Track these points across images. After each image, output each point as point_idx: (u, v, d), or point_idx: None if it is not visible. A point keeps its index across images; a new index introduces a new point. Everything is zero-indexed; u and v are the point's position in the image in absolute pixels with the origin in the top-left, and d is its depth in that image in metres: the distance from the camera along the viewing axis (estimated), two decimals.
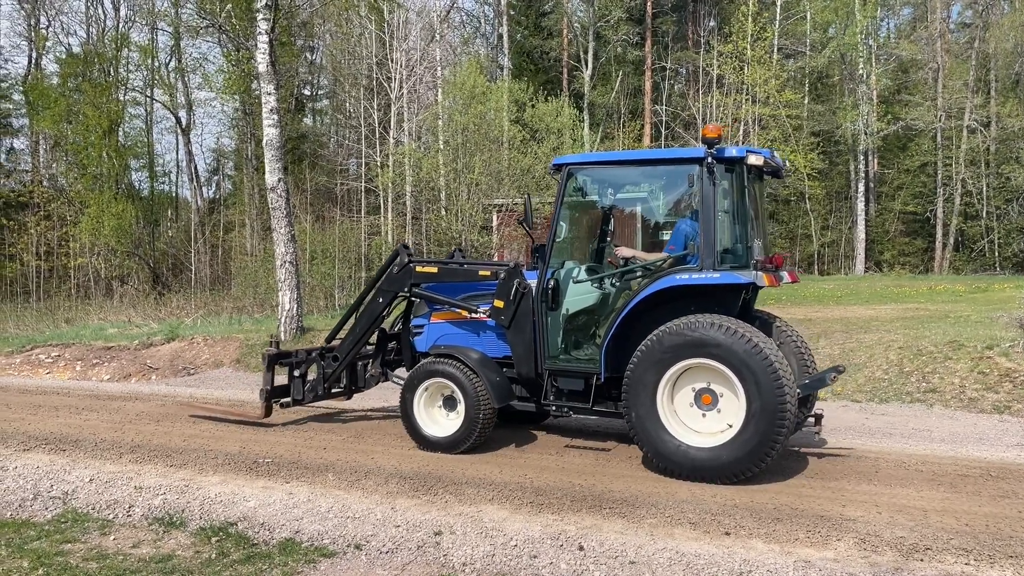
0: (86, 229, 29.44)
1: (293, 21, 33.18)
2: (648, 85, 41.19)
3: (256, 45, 15.38)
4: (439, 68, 34.54)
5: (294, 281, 15.20)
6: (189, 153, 41.29)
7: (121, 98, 35.57)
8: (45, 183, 37.98)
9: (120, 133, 34.27)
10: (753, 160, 6.44)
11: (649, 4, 40.97)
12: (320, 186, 35.99)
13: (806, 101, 36.49)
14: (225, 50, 36.98)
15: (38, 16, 42.63)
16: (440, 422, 7.21)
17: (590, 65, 39.14)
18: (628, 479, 6.19)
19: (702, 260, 6.31)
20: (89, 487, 6.29)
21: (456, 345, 7.48)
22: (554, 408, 7.04)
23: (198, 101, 41.34)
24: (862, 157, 35.42)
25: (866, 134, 34.18)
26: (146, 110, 39.30)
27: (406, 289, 7.96)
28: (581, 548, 4.90)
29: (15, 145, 45.50)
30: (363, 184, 35.41)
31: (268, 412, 8.34)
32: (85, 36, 41.07)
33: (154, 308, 22.86)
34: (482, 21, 46.06)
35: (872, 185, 37.00)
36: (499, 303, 7.11)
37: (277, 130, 15.24)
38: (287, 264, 15.10)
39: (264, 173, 16.48)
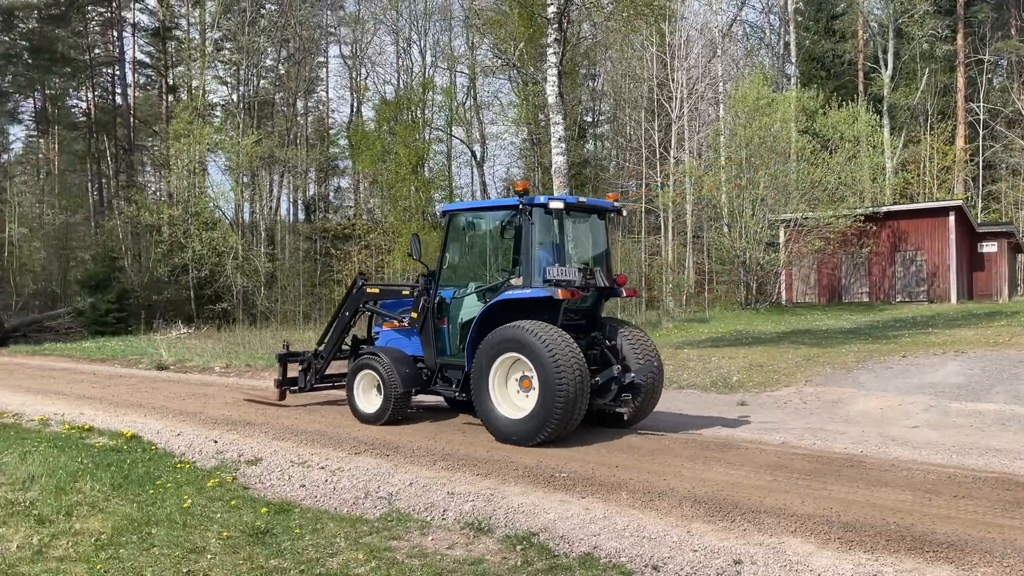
0: (398, 257, 32.78)
1: (577, 51, 34.47)
2: (961, 81, 36.96)
3: (545, 78, 16.20)
4: (721, 83, 33.83)
5: None
6: (483, 183, 44.63)
7: (426, 137, 39.35)
8: (364, 216, 43.08)
9: (425, 168, 37.87)
10: (554, 205, 8.59)
11: None
12: None
13: None
14: (515, 85, 39.42)
15: (359, 70, 48.80)
16: (374, 402, 9.75)
17: (890, 65, 36.03)
18: (954, 521, 5.55)
19: (524, 280, 8.54)
20: (409, 490, 6.94)
21: (385, 346, 10.17)
22: (455, 394, 9.32)
23: (490, 135, 44.70)
24: None
25: None
26: (447, 146, 43.19)
27: (362, 305, 10.82)
28: None
29: (341, 184, 52.41)
30: (643, 205, 35.65)
31: (283, 396, 11.36)
32: (396, 83, 46.21)
33: None
34: (767, 31, 44.48)
35: None
36: (414, 315, 9.71)
37: (564, 157, 15.90)
38: None
39: None
